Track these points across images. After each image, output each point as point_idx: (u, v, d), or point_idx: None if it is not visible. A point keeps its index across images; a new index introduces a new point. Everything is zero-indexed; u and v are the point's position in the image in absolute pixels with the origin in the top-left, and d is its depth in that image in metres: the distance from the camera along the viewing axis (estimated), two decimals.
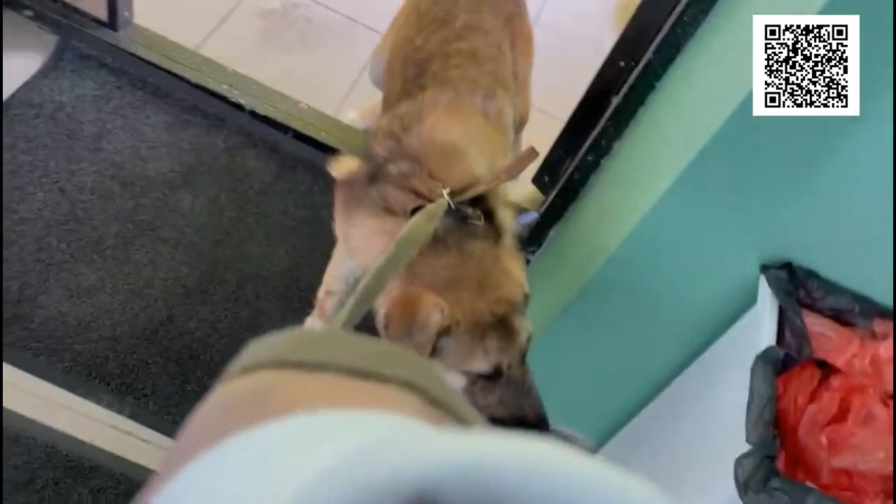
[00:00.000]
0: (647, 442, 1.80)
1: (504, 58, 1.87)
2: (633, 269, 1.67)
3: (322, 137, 2.50)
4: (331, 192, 2.42)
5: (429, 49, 1.76)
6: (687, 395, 1.67)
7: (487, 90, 1.73)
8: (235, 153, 2.42)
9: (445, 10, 1.83)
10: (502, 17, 1.92)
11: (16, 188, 2.11)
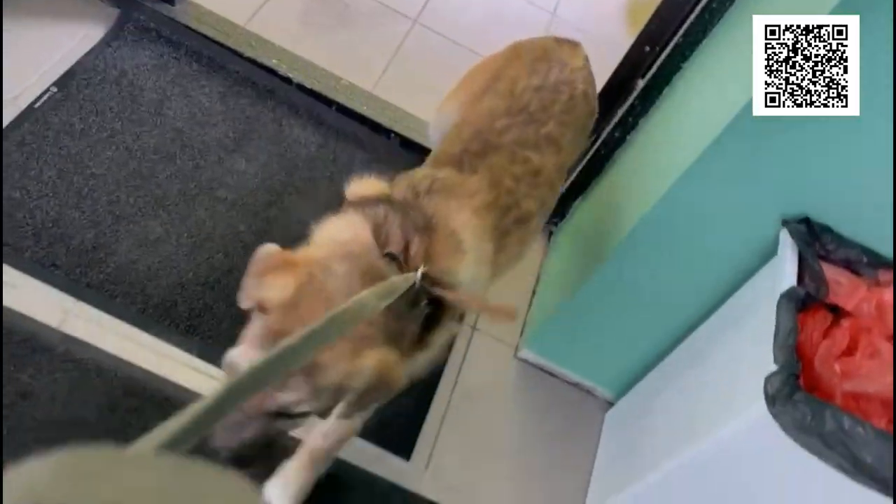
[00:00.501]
0: (680, 376, 1.98)
1: (559, 184, 1.77)
2: (664, 229, 1.86)
3: (363, 111, 2.69)
4: (371, 164, 2.61)
5: (504, 139, 1.64)
6: (716, 335, 1.86)
7: (524, 215, 1.62)
8: (283, 123, 2.59)
9: (541, 107, 1.71)
10: (580, 132, 1.85)
11: (87, 146, 2.26)
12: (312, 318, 1.07)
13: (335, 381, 1.16)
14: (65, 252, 2.06)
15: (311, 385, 1.14)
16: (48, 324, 1.93)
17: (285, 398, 1.14)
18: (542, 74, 1.79)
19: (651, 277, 1.99)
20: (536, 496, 2.16)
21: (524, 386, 2.38)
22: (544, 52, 1.86)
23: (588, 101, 1.86)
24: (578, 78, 1.83)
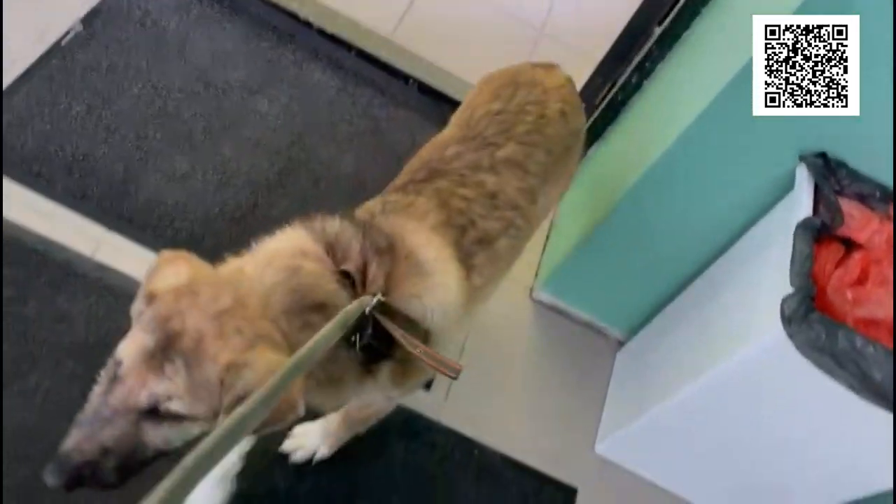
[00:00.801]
0: (693, 310, 2.05)
1: (531, 207, 1.64)
2: (682, 168, 1.91)
3: (381, 56, 2.72)
4: (389, 108, 2.65)
5: (452, 166, 1.56)
6: (732, 267, 1.92)
7: (484, 236, 1.51)
8: (304, 67, 2.62)
9: (499, 131, 1.63)
10: (558, 152, 1.72)
11: (114, 83, 2.30)
12: (211, 306, 1.05)
13: (215, 374, 1.03)
14: (96, 184, 2.11)
15: (189, 375, 1.02)
16: (82, 252, 1.99)
17: (158, 388, 1.02)
18: (504, 99, 1.70)
19: (668, 216, 2.04)
20: (549, 429, 2.24)
21: (538, 326, 2.45)
22: (512, 77, 1.78)
23: (567, 120, 1.75)
24: (553, 97, 1.73)
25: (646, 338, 2.32)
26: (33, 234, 1.96)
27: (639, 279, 2.29)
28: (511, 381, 2.30)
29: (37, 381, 1.76)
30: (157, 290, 1.10)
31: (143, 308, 1.10)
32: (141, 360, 1.04)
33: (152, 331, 1.05)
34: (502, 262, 1.61)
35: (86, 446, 1.03)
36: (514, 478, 2.08)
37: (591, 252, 2.27)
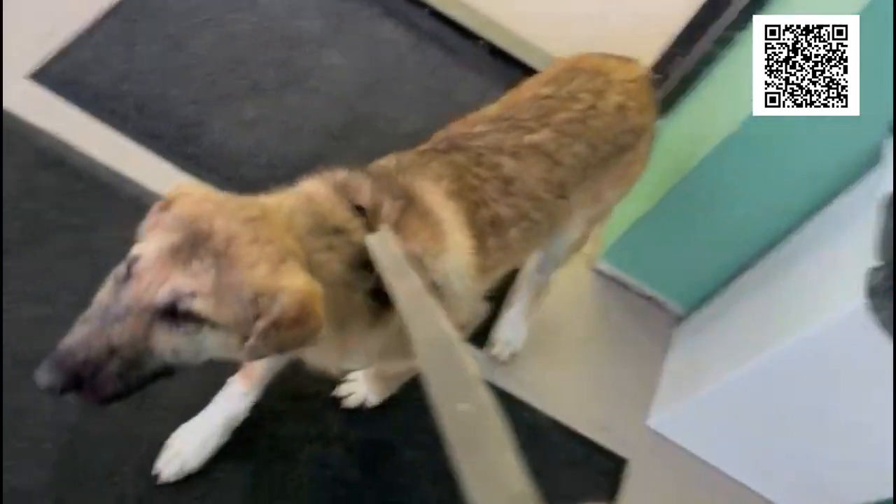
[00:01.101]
0: (763, 285, 1.99)
1: (556, 201, 1.52)
2: (763, 140, 1.83)
3: (455, 16, 2.69)
4: (459, 69, 2.62)
5: (472, 143, 1.46)
6: (810, 242, 1.85)
7: (496, 219, 1.42)
8: (376, 22, 2.61)
9: (537, 115, 1.51)
10: (605, 149, 1.58)
11: (187, 28, 2.33)
12: (239, 212, 1.02)
13: (251, 284, 0.98)
14: (166, 125, 2.13)
15: (218, 276, 0.97)
16: (150, 188, 2.02)
17: (182, 283, 0.96)
18: (559, 83, 1.58)
19: (742, 187, 1.97)
20: (603, 398, 2.20)
21: (597, 296, 2.40)
22: (576, 62, 1.66)
23: (625, 115, 1.59)
24: (614, 89, 1.59)
25: (707, 313, 2.26)
26: (105, 169, 2.00)
27: (704, 253, 2.23)
28: (567, 348, 2.27)
29: None
30: (176, 195, 1.07)
31: (157, 218, 1.05)
32: (164, 256, 0.98)
33: (176, 230, 0.99)
34: (511, 253, 1.50)
35: (93, 342, 0.96)
36: (563, 443, 2.05)
37: (656, 223, 2.21)
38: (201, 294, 0.96)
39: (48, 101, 2.05)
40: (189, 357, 1.03)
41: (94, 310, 1.00)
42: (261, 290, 0.98)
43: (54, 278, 1.80)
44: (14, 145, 1.93)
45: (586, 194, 1.63)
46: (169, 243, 0.98)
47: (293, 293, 1.00)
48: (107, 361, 0.96)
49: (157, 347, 0.99)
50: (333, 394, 1.88)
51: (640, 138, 1.66)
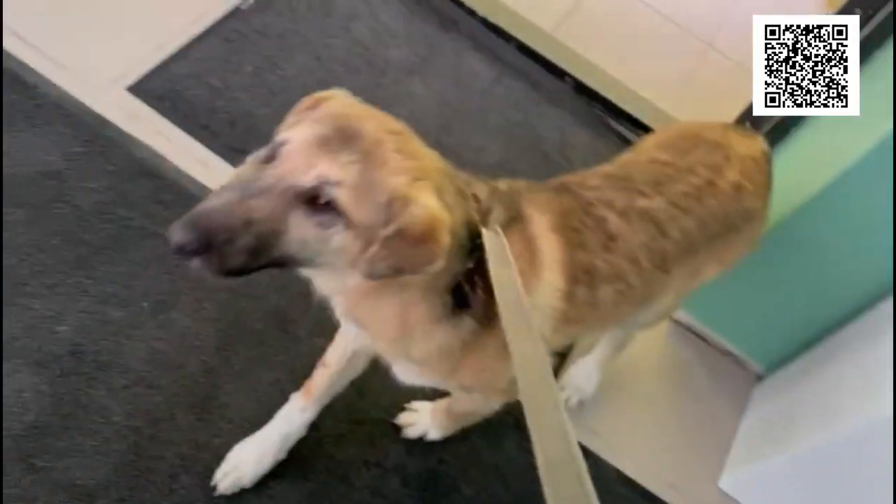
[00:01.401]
0: (849, 353, 1.89)
1: (656, 272, 1.44)
2: (866, 191, 1.75)
3: (540, 50, 2.68)
4: (542, 105, 2.60)
5: (583, 192, 1.40)
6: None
7: (589, 267, 1.34)
8: (463, 53, 2.63)
9: (651, 180, 1.46)
10: (715, 228, 1.50)
11: (281, 50, 2.39)
12: (387, 123, 1.04)
13: (390, 188, 0.98)
14: (254, 142, 2.15)
15: (362, 172, 0.97)
16: None
17: (329, 170, 0.95)
18: (678, 152, 1.52)
19: (839, 243, 1.88)
20: (672, 453, 2.11)
21: (674, 346, 2.32)
22: (698, 131, 1.60)
23: (741, 196, 1.52)
24: (734, 166, 1.52)
25: (789, 374, 2.14)
26: (194, 181, 2.06)
27: (789, 311, 2.12)
28: (638, 398, 2.19)
29: (177, 316, 1.84)
30: (324, 95, 1.08)
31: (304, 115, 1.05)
32: (313, 143, 0.97)
33: (327, 122, 1.00)
34: (597, 314, 1.41)
35: (232, 211, 0.94)
36: (628, 497, 1.96)
37: (741, 276, 2.11)
38: (345, 185, 0.96)
39: (146, 112, 2.14)
40: (311, 253, 1.01)
41: (232, 184, 0.99)
42: (396, 194, 0.98)
43: (136, 284, 1.85)
44: (112, 153, 2.01)
45: (686, 270, 1.56)
46: (319, 133, 0.99)
47: (425, 208, 0.99)
48: (241, 233, 0.95)
49: (289, 231, 0.98)
50: (395, 421, 1.86)
51: (750, 221, 1.59)
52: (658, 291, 1.51)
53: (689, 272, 1.59)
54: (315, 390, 1.65)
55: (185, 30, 2.32)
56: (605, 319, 1.48)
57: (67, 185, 1.93)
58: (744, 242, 1.64)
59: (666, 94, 2.82)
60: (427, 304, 1.16)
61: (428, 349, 1.22)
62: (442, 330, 1.20)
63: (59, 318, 1.76)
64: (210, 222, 0.94)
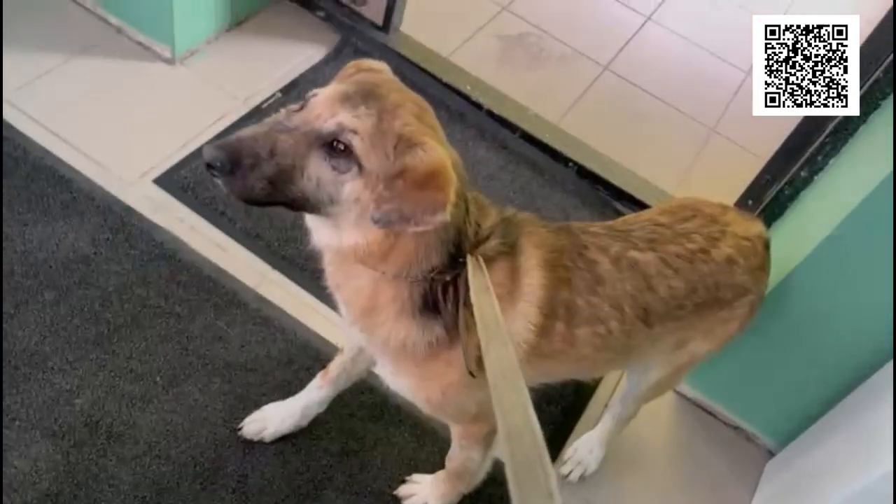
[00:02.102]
0: (864, 411, 1.88)
1: (637, 324, 1.49)
2: (851, 261, 1.79)
3: (545, 139, 2.82)
4: (546, 188, 2.71)
5: (581, 237, 1.48)
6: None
7: (571, 306, 1.42)
8: (470, 143, 2.78)
9: (647, 238, 1.52)
10: (705, 296, 1.55)
11: None
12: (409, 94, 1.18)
13: (398, 130, 1.11)
14: (268, 227, 2.33)
15: (377, 124, 1.10)
16: (247, 284, 2.18)
17: (347, 119, 1.09)
18: (676, 219, 1.58)
19: (834, 313, 1.90)
20: None
21: (681, 422, 2.31)
22: (697, 205, 1.66)
23: (733, 270, 1.57)
24: (728, 241, 1.57)
25: (800, 448, 2.11)
26: (209, 264, 2.19)
27: (795, 381, 2.12)
28: (642, 473, 2.17)
29: (189, 390, 1.93)
30: (367, 65, 1.25)
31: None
32: (337, 98, 1.12)
33: (354, 85, 1.15)
34: (577, 355, 1.48)
35: (260, 139, 1.08)
36: None
37: (745, 348, 2.14)
38: (361, 134, 1.09)
39: (169, 202, 2.30)
40: (325, 195, 1.13)
41: (265, 122, 1.13)
42: (403, 137, 1.11)
43: (151, 359, 1.95)
44: (135, 238, 2.16)
45: (672, 336, 1.61)
46: (344, 90, 1.13)
47: (432, 151, 1.11)
48: (265, 161, 1.08)
49: (308, 168, 1.11)
50: (395, 492, 1.88)
51: (740, 298, 1.62)
52: (639, 346, 1.56)
53: (676, 341, 1.65)
54: (331, 373, 1.86)
55: (209, 128, 2.52)
56: (581, 360, 1.52)
57: (93, 269, 2.07)
58: (733, 322, 1.67)
59: (668, 176, 2.92)
60: (395, 292, 1.28)
61: (392, 335, 1.32)
62: (408, 323, 1.31)
63: (77, 392, 1.86)
64: (239, 146, 1.07)
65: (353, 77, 1.21)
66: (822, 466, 1.90)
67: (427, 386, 1.42)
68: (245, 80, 2.71)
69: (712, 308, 1.59)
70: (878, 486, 1.56)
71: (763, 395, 2.23)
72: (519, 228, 1.39)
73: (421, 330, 1.31)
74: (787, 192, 2.38)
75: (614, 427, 2.04)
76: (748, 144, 3.18)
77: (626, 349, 1.55)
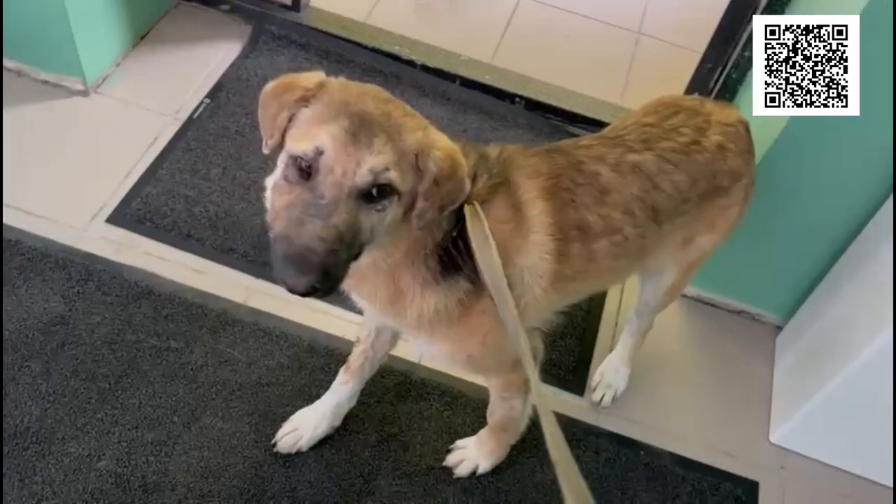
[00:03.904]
0: (862, 265, 1.93)
1: (650, 224, 1.52)
2: (819, 125, 1.81)
3: (486, 81, 2.78)
4: (499, 129, 2.68)
5: (576, 151, 1.50)
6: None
7: (584, 224, 1.43)
8: (413, 104, 2.63)
9: (641, 139, 1.54)
10: (705, 186, 1.57)
11: (244, 145, 2.46)
12: (379, 94, 1.16)
13: (414, 146, 1.12)
14: (239, 238, 2.24)
15: (394, 146, 1.10)
16: (235, 301, 2.11)
17: (375, 161, 1.07)
18: (660, 117, 1.61)
19: (809, 179, 1.94)
20: (718, 423, 2.13)
21: (689, 321, 2.35)
22: (677, 101, 1.68)
23: (725, 156, 1.59)
24: (714, 130, 1.59)
25: (806, 315, 2.18)
26: (191, 290, 2.10)
27: (787, 254, 2.17)
28: (668, 379, 2.21)
29: (210, 421, 1.86)
30: (323, 81, 1.17)
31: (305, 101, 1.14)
32: (346, 142, 1.07)
33: (340, 115, 1.08)
34: (598, 269, 1.50)
35: (324, 235, 1.04)
36: (687, 476, 1.97)
37: (735, 233, 2.17)
38: (391, 167, 1.09)
39: (130, 238, 2.19)
40: (377, 233, 1.15)
41: (294, 213, 1.06)
42: (421, 147, 1.13)
43: (162, 402, 1.88)
44: (106, 284, 2.05)
45: (679, 232, 1.63)
46: (342, 129, 1.07)
47: (443, 147, 1.16)
48: (341, 250, 1.06)
49: (363, 224, 1.10)
50: (444, 464, 1.87)
51: (736, 183, 1.65)
52: (652, 246, 1.58)
53: (683, 237, 1.67)
54: (353, 365, 1.82)
55: (146, 152, 2.39)
56: (603, 273, 1.55)
57: (73, 327, 1.96)
58: (732, 207, 1.69)
59: (611, 89, 2.92)
60: (412, 270, 1.29)
61: (422, 311, 1.33)
62: (434, 292, 1.31)
63: (97, 455, 1.77)
64: (318, 257, 1.03)
65: (329, 106, 1.12)
66: (836, 327, 1.96)
67: (468, 342, 1.41)
68: (167, 94, 2.57)
69: (713, 197, 1.62)
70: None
71: (759, 275, 2.28)
72: (510, 163, 1.40)
73: (448, 292, 1.32)
74: (733, 75, 2.40)
75: (633, 342, 2.07)
76: (677, 40, 3.20)
77: (641, 252, 1.57)
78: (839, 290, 2.00)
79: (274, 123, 1.16)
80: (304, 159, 1.08)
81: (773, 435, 2.09)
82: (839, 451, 2.04)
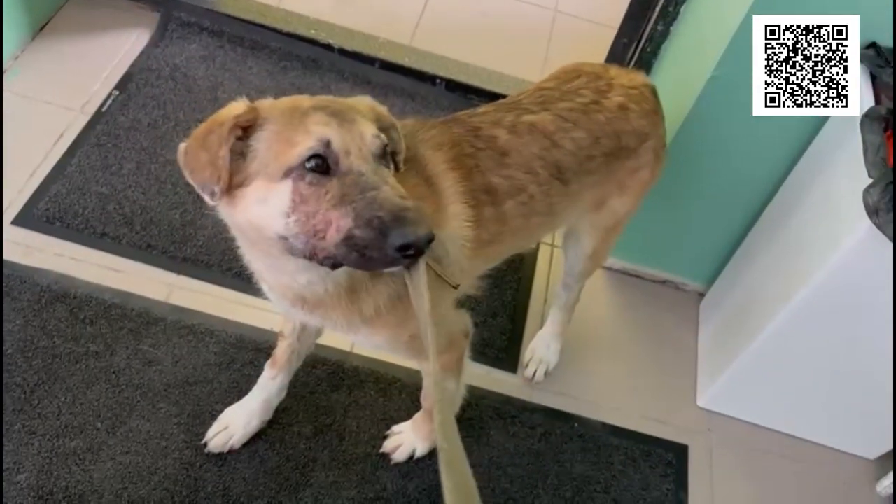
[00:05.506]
0: (772, 238, 2.00)
1: (554, 182, 1.53)
2: (726, 95, 1.86)
3: (405, 63, 2.75)
4: (421, 111, 2.65)
5: (471, 119, 1.52)
6: (803, 184, 1.86)
7: (490, 187, 1.46)
8: (332, 87, 2.67)
9: (538, 101, 1.57)
10: (609, 145, 1.59)
11: (157, 137, 2.38)
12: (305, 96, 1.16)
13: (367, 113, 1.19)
14: (157, 233, 2.16)
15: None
16: (156, 299, 2.04)
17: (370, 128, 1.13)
18: (561, 81, 1.63)
19: (720, 149, 1.99)
20: (646, 391, 2.18)
21: (615, 292, 2.40)
22: (579, 67, 1.69)
23: (627, 116, 1.61)
24: (616, 92, 1.61)
25: (726, 281, 2.25)
26: (109, 290, 2.02)
27: (704, 223, 2.23)
28: (597, 351, 2.26)
29: (137, 424, 1.80)
30: (250, 104, 1.17)
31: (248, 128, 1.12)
32: (338, 125, 1.09)
33: (307, 112, 1.10)
34: (511, 229, 1.53)
35: (398, 191, 1.07)
36: (619, 444, 2.02)
37: (650, 207, 2.22)
38: (389, 121, 1.24)
39: (39, 240, 2.09)
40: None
41: (352, 200, 1.04)
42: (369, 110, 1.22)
43: (83, 408, 1.80)
44: (16, 290, 1.95)
45: (589, 193, 1.65)
46: (325, 118, 1.09)
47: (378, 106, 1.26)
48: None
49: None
50: (381, 451, 1.86)
51: (643, 144, 1.66)
52: (561, 204, 1.60)
53: (595, 199, 1.70)
54: (279, 360, 1.79)
55: (52, 149, 2.28)
56: (517, 232, 1.57)
57: None
58: (643, 169, 1.71)
59: (530, 67, 2.92)
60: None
61: (377, 302, 1.32)
62: (383, 282, 1.31)
63: (16, 468, 1.70)
64: (412, 207, 1.05)
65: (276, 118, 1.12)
66: (753, 291, 2.03)
67: (407, 326, 1.38)
68: (73, 87, 2.46)
69: (619, 158, 1.63)
70: (821, 291, 1.67)
71: (679, 245, 2.34)
72: (413, 137, 1.40)
73: (383, 286, 1.31)
74: (648, 49, 2.43)
75: (563, 316, 2.10)
76: (593, 16, 3.23)
77: (549, 210, 1.58)
78: (755, 255, 2.07)
79: (216, 165, 1.09)
80: (319, 155, 1.06)
81: (700, 399, 2.16)
82: (761, 410, 2.13)
